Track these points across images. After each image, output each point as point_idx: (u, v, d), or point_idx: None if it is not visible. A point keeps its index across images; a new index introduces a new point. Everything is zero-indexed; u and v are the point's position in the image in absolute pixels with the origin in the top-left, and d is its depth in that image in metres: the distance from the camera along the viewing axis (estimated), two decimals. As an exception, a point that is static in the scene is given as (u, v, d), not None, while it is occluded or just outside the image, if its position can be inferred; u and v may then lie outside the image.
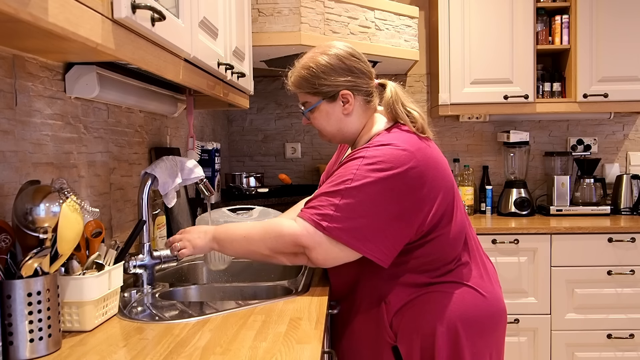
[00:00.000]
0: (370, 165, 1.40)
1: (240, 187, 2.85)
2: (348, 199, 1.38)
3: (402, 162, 1.40)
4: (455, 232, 1.50)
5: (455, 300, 1.48)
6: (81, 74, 1.41)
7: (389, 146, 1.43)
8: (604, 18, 3.04)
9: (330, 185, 1.42)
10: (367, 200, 1.38)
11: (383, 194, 1.39)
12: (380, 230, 1.39)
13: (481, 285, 1.52)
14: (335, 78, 1.51)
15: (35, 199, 1.10)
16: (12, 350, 1.06)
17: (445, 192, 1.47)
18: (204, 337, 1.20)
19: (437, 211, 1.45)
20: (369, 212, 1.38)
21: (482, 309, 1.50)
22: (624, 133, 3.46)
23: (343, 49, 1.55)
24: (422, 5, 3.44)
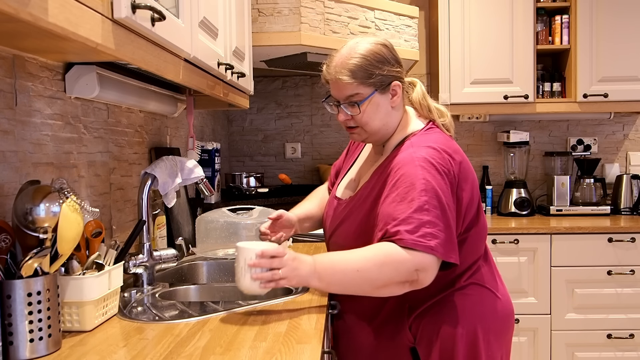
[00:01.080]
0: (433, 169, 1.35)
1: (240, 187, 2.85)
2: (434, 210, 1.32)
3: (450, 165, 1.39)
4: (481, 233, 1.49)
5: (475, 303, 1.46)
6: (81, 74, 1.41)
7: (437, 150, 1.39)
8: (604, 18, 3.04)
9: (407, 200, 1.33)
10: (445, 208, 1.34)
11: (452, 198, 1.36)
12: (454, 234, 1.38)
13: (495, 286, 1.52)
14: (389, 68, 1.46)
15: (35, 199, 1.10)
16: (12, 350, 1.06)
17: (474, 193, 1.46)
18: (204, 337, 1.20)
19: (469, 212, 1.44)
20: (450, 220, 1.34)
21: (498, 310, 1.49)
22: (624, 133, 3.46)
23: (385, 40, 1.52)
24: (422, 5, 3.44)
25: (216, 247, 2.14)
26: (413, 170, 1.36)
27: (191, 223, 2.31)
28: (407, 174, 1.36)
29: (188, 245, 2.19)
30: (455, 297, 1.46)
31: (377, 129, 1.49)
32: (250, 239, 2.15)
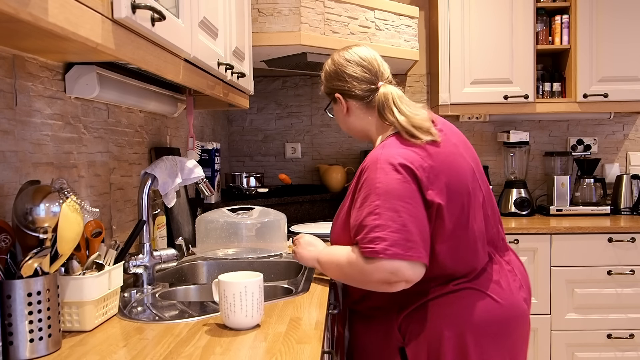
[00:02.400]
0: (392, 169, 1.41)
1: (240, 187, 2.85)
2: (386, 213, 1.38)
3: (415, 166, 1.42)
4: (470, 241, 1.48)
5: (465, 307, 1.46)
6: (81, 74, 1.41)
7: (380, 168, 1.42)
8: (604, 18, 3.04)
9: (363, 206, 1.41)
10: (399, 208, 1.38)
11: (415, 196, 1.41)
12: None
13: (498, 291, 1.50)
14: (330, 82, 1.67)
15: (35, 199, 1.10)
16: (12, 350, 1.06)
17: (452, 197, 1.45)
18: (204, 337, 1.20)
19: (448, 216, 1.43)
20: (407, 219, 1.38)
21: (494, 315, 1.48)
22: (624, 133, 3.46)
23: (342, 55, 1.65)
24: (422, 5, 3.44)
25: (216, 247, 2.14)
26: (372, 174, 1.42)
27: (191, 223, 2.31)
28: (368, 178, 1.43)
29: (188, 245, 2.19)
30: (445, 299, 1.47)
31: (347, 130, 1.72)
32: (250, 239, 2.15)
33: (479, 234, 1.50)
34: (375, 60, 1.62)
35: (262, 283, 1.28)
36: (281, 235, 2.21)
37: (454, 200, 1.45)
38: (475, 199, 1.50)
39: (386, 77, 1.61)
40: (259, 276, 1.28)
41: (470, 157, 1.57)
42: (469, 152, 1.58)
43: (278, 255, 2.13)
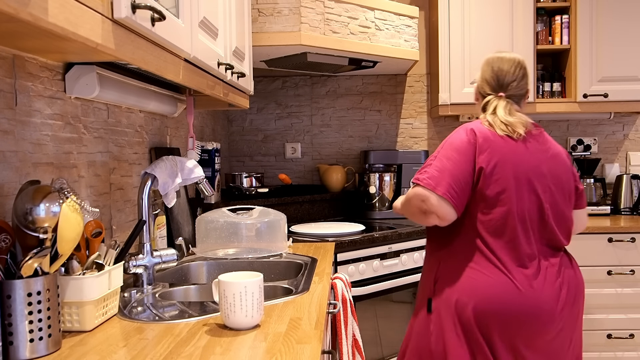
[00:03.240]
0: (461, 131, 1.83)
1: (240, 187, 2.85)
2: (440, 158, 1.78)
3: (474, 135, 1.77)
4: (507, 221, 1.69)
5: (484, 283, 1.66)
6: (81, 74, 1.41)
7: (456, 130, 1.85)
8: (604, 18, 3.04)
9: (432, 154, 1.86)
10: (449, 157, 1.77)
11: (467, 153, 1.76)
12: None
13: (523, 281, 1.66)
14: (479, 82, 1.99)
15: (35, 199, 1.10)
16: (12, 350, 1.06)
17: (494, 175, 1.71)
18: (204, 337, 1.20)
19: (484, 182, 1.70)
20: (449, 165, 1.75)
21: (509, 300, 1.64)
22: (624, 133, 3.46)
23: (492, 62, 1.92)
24: (422, 5, 3.44)
25: (216, 247, 2.14)
26: (449, 136, 1.80)
27: (191, 223, 2.31)
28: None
29: (188, 245, 2.19)
30: (471, 271, 1.70)
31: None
32: (250, 239, 2.15)
33: (521, 222, 1.69)
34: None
35: (262, 283, 1.28)
36: (281, 235, 2.21)
37: (497, 176, 1.70)
38: (521, 191, 1.71)
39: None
40: (259, 276, 1.29)
41: (548, 168, 1.76)
42: (548, 163, 1.77)
43: (278, 255, 2.13)
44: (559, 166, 1.79)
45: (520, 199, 1.70)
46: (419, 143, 3.52)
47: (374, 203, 3.20)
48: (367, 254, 2.53)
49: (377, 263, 2.56)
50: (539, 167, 1.74)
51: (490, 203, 1.69)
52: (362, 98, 3.50)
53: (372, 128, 3.52)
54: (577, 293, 1.75)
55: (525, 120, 1.79)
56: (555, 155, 1.80)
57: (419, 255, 2.74)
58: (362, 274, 2.50)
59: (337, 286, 1.96)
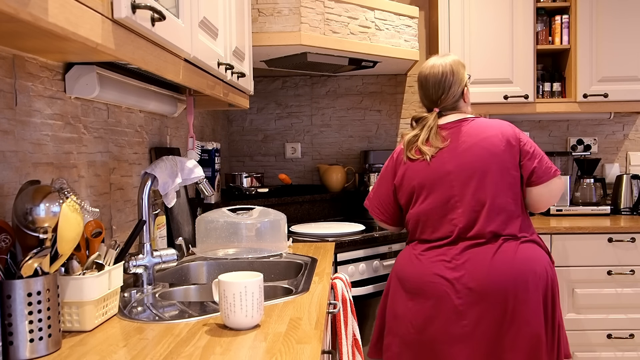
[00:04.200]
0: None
1: (240, 187, 2.85)
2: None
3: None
4: (420, 216, 2.06)
5: (401, 258, 2.10)
6: (81, 74, 1.41)
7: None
8: (604, 18, 3.04)
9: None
10: (379, 182, 2.21)
11: (387, 178, 2.19)
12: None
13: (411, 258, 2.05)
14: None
15: (35, 199, 1.10)
16: (12, 350, 1.06)
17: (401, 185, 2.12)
18: (204, 337, 1.20)
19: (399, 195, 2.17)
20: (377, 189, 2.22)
21: (407, 272, 2.05)
22: (624, 133, 3.46)
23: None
24: (422, 5, 3.44)
25: (216, 247, 2.14)
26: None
27: (191, 223, 2.31)
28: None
29: (188, 245, 2.19)
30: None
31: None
32: (250, 239, 2.15)
33: (418, 214, 2.02)
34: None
35: (262, 283, 1.28)
36: (281, 235, 2.21)
37: (404, 186, 2.06)
38: (427, 190, 2.00)
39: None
40: (259, 276, 1.29)
41: (455, 164, 1.98)
42: (456, 160, 1.99)
43: (278, 255, 2.13)
44: (476, 157, 1.96)
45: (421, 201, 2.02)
46: (419, 143, 3.51)
47: (374, 203, 3.20)
48: (367, 254, 2.53)
49: (377, 263, 2.55)
50: (440, 169, 1.98)
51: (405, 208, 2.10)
52: (362, 98, 3.50)
53: (372, 128, 3.52)
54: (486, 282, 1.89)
55: (437, 145, 2.01)
56: (470, 147, 1.98)
57: (419, 255, 2.74)
58: (362, 274, 2.50)
59: (337, 286, 1.96)
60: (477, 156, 1.96)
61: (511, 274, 1.86)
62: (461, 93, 2.10)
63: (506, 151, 1.97)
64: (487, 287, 1.86)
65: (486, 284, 1.86)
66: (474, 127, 2.01)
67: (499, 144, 1.97)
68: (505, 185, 1.95)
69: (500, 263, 1.88)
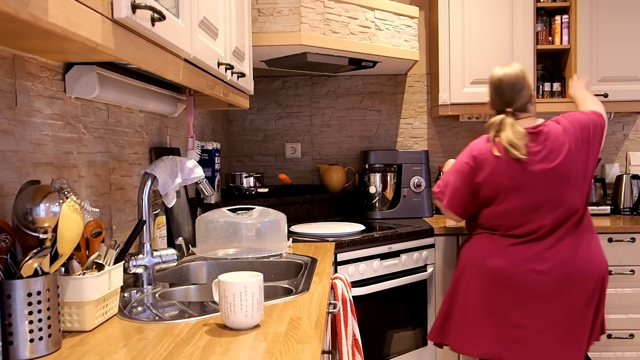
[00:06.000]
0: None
1: (240, 187, 2.85)
2: (448, 175, 2.47)
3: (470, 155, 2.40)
4: (488, 214, 2.34)
5: (476, 248, 2.34)
6: (81, 74, 1.41)
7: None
8: (604, 18, 3.04)
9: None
10: (452, 175, 2.42)
11: (463, 171, 2.39)
12: None
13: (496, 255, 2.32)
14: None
15: (35, 199, 1.10)
16: (12, 350, 1.06)
17: (488, 181, 2.28)
18: (204, 337, 1.20)
19: (481, 192, 2.34)
20: (451, 182, 2.43)
21: (488, 266, 2.29)
22: (624, 133, 3.46)
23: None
24: (422, 5, 3.44)
25: (216, 247, 2.14)
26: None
27: (191, 223, 2.31)
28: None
29: (188, 245, 2.19)
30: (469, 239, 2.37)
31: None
32: (250, 239, 2.15)
33: (506, 213, 2.23)
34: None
35: (262, 283, 1.28)
36: (281, 235, 2.21)
37: (490, 184, 2.24)
38: (516, 189, 2.21)
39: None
40: (259, 276, 1.29)
41: (540, 168, 2.20)
42: (539, 164, 2.20)
43: (278, 255, 2.13)
44: (560, 160, 2.20)
45: (505, 201, 2.23)
46: (419, 143, 3.52)
47: (374, 203, 3.20)
48: (367, 254, 2.53)
49: (377, 263, 2.56)
50: (529, 169, 2.19)
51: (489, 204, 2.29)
52: (362, 98, 3.50)
53: (372, 128, 3.52)
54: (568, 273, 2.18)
55: (525, 138, 2.20)
56: (553, 151, 2.20)
57: (419, 255, 2.74)
58: (362, 274, 2.50)
59: (337, 286, 1.96)
60: (561, 159, 2.19)
61: (589, 265, 2.18)
62: (529, 96, 2.29)
63: (580, 155, 2.23)
64: (571, 277, 2.16)
65: (571, 275, 2.16)
66: (553, 132, 2.22)
67: (575, 150, 2.22)
68: (579, 187, 2.22)
69: (581, 256, 2.18)
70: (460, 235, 2.84)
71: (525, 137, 2.20)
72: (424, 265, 2.78)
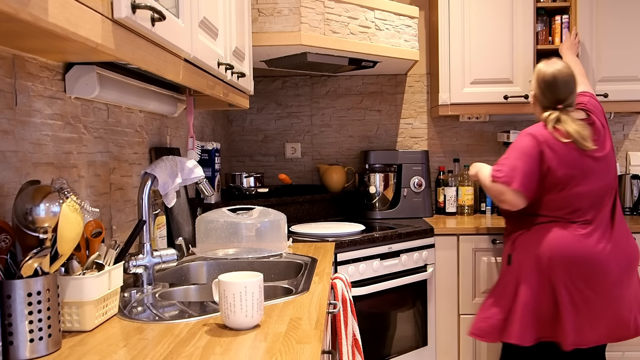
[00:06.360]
0: (526, 137, 2.41)
1: (240, 187, 2.85)
2: (511, 158, 2.38)
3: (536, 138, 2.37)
4: (552, 200, 2.33)
5: (551, 237, 2.29)
6: (81, 74, 1.41)
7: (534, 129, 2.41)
8: (604, 18, 3.04)
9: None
10: (519, 157, 2.36)
11: (532, 154, 2.33)
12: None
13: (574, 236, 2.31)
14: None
15: (35, 199, 1.10)
16: (12, 350, 1.06)
17: (551, 167, 2.30)
18: (204, 337, 1.20)
19: (547, 177, 2.32)
20: (519, 163, 2.35)
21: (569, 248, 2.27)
22: (623, 133, 3.46)
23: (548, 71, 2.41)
24: (422, 5, 3.44)
25: (216, 247, 2.14)
26: (517, 139, 2.36)
27: (191, 223, 2.31)
28: (514, 140, 2.39)
29: (188, 245, 2.19)
30: (540, 227, 2.34)
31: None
32: (250, 239, 2.15)
33: (575, 198, 2.28)
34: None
35: (262, 283, 1.28)
36: (281, 235, 2.21)
37: (558, 170, 2.28)
38: (582, 177, 2.29)
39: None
40: (259, 276, 1.29)
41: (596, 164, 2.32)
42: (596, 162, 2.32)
43: (278, 255, 2.13)
44: (606, 151, 2.36)
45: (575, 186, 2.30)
46: (419, 143, 3.52)
47: (374, 203, 3.20)
48: (367, 254, 2.53)
49: (377, 263, 2.56)
50: (592, 158, 2.30)
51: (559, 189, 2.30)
52: (362, 98, 3.50)
53: (372, 128, 3.52)
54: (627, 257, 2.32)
55: (588, 129, 2.30)
56: (604, 141, 2.36)
57: (419, 255, 2.74)
58: (362, 274, 2.50)
59: (337, 286, 1.96)
60: (606, 150, 2.34)
61: (635, 248, 2.36)
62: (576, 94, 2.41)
63: (608, 141, 2.39)
64: (629, 259, 2.32)
65: (629, 257, 2.32)
66: (597, 125, 2.36)
67: (606, 137, 2.39)
68: (615, 172, 2.40)
69: (630, 240, 2.36)
70: (461, 235, 2.84)
71: (588, 128, 2.29)
72: (424, 265, 2.78)
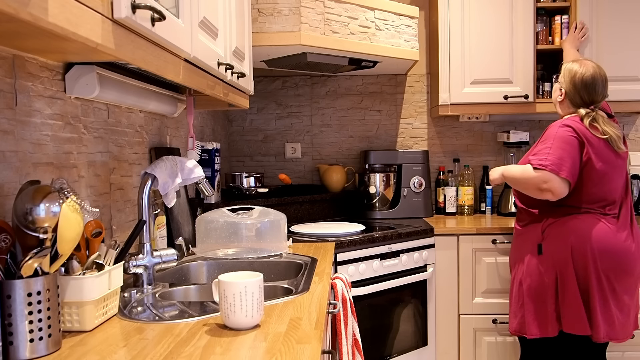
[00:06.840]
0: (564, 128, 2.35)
1: (240, 187, 2.85)
2: (555, 147, 2.29)
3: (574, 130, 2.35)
4: (582, 190, 2.32)
5: (588, 225, 2.28)
6: (81, 74, 1.41)
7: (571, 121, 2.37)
8: (604, 18, 3.04)
9: (543, 144, 2.33)
10: (560, 146, 2.29)
11: (572, 144, 2.31)
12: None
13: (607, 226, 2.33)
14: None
15: (35, 199, 1.10)
16: (12, 350, 1.06)
17: (584, 156, 2.31)
18: (204, 337, 1.20)
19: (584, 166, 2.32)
20: (564, 152, 2.30)
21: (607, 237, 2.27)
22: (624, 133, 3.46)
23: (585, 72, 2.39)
24: (422, 5, 3.44)
25: (216, 247, 2.14)
26: (554, 129, 2.32)
27: (191, 223, 2.31)
28: (549, 131, 2.35)
29: (188, 245, 2.19)
30: (575, 217, 2.30)
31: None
32: (250, 239, 2.15)
33: (608, 192, 2.31)
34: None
35: (262, 283, 1.28)
36: (281, 235, 2.21)
37: (594, 163, 2.29)
38: (612, 172, 2.34)
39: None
40: (259, 276, 1.29)
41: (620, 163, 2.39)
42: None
43: (278, 255, 2.13)
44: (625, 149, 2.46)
45: (608, 182, 2.33)
46: (419, 143, 3.52)
47: (374, 203, 3.20)
48: (367, 254, 2.53)
49: (377, 263, 2.56)
50: (619, 155, 2.39)
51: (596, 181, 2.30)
52: (362, 98, 3.50)
53: (372, 128, 3.52)
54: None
55: (619, 130, 2.40)
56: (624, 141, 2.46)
57: (419, 255, 2.74)
58: (362, 274, 2.50)
59: (337, 286, 1.96)
60: (626, 150, 2.45)
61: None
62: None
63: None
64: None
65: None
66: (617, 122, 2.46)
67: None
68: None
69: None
70: (461, 235, 2.84)
71: (620, 130, 2.39)
72: (424, 265, 2.78)
